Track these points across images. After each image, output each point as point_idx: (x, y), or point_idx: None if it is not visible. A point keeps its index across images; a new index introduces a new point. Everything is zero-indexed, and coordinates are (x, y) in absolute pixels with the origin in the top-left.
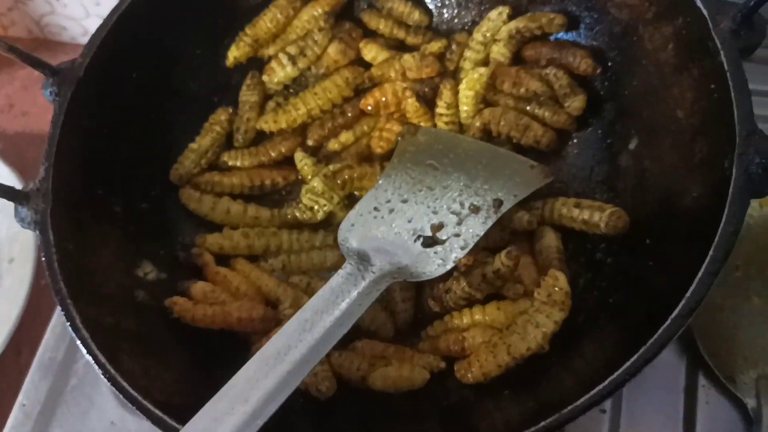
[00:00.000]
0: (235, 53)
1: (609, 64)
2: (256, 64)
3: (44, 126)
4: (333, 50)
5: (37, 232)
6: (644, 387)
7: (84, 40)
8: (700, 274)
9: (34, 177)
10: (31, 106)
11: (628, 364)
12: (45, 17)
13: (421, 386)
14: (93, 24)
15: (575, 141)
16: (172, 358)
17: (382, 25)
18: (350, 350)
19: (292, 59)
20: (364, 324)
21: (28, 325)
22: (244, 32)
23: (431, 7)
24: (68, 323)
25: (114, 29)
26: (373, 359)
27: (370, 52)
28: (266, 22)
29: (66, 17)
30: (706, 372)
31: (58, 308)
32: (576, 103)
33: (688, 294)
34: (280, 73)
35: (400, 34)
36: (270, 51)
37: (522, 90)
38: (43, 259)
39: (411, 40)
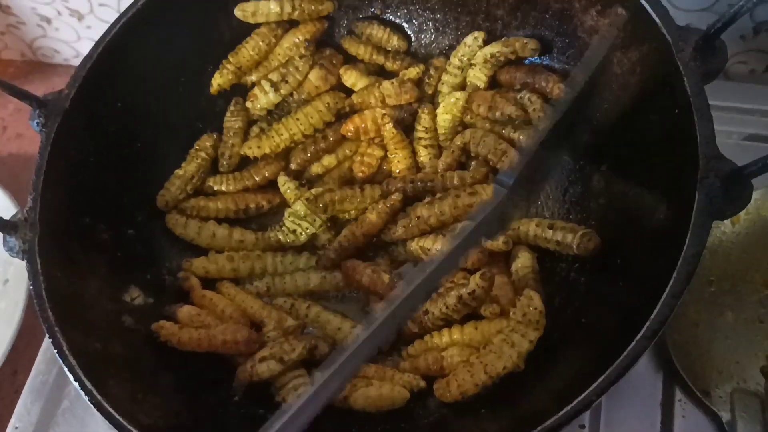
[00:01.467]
0: (218, 80)
1: None
2: (240, 90)
3: (38, 148)
4: (314, 76)
5: (25, 261)
6: (622, 402)
7: (76, 62)
8: (663, 297)
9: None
10: (25, 129)
11: (594, 385)
12: (37, 40)
13: (402, 405)
14: (84, 46)
15: None
16: (158, 382)
17: (361, 51)
18: None
19: (275, 86)
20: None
21: (23, 347)
22: (227, 60)
23: (409, 32)
24: (56, 351)
25: (98, 61)
26: (354, 379)
27: (350, 77)
28: (249, 49)
29: (58, 40)
30: (682, 386)
31: None
32: None
33: (652, 316)
34: (262, 99)
35: (379, 59)
36: (253, 78)
37: (497, 114)
38: (31, 288)
39: (390, 65)
